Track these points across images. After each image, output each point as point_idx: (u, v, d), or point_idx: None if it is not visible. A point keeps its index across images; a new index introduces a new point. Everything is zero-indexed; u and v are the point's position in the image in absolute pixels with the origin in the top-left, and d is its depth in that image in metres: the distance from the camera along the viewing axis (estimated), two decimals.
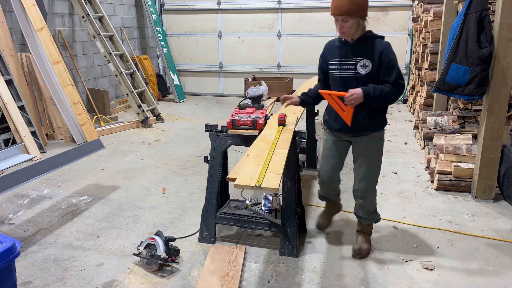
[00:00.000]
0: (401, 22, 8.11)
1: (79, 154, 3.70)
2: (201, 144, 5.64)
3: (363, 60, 2.49)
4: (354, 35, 2.48)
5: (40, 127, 5.63)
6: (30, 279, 2.62)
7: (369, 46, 2.48)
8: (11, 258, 1.83)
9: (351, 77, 2.54)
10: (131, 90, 6.72)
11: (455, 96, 3.72)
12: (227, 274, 2.61)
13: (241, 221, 3.01)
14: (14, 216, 3.46)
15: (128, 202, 3.78)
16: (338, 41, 2.60)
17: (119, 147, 5.56)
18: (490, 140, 3.59)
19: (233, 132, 3.00)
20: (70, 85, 5.64)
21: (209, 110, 8.02)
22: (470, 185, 3.86)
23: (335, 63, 2.59)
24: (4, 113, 5.00)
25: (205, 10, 9.04)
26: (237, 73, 9.17)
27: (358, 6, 2.39)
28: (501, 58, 3.41)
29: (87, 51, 7.31)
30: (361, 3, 2.41)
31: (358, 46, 2.51)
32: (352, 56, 2.52)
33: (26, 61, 5.67)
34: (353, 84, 2.52)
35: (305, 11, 8.51)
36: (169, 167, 4.74)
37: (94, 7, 6.92)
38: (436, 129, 4.78)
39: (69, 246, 3.03)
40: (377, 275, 2.66)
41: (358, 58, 2.50)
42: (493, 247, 2.98)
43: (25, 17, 5.48)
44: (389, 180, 4.28)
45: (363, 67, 2.49)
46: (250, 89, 3.56)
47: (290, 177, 2.84)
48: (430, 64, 5.65)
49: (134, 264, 2.78)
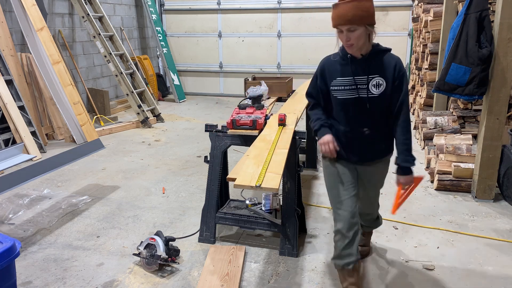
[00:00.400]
0: (401, 22, 8.10)
1: (79, 154, 3.70)
2: (201, 144, 5.64)
3: (376, 78, 2.11)
4: (362, 48, 2.09)
5: (40, 127, 5.63)
6: (30, 279, 2.62)
7: (381, 61, 2.12)
8: (11, 258, 1.83)
9: (363, 99, 2.14)
10: (131, 90, 6.72)
11: (455, 96, 3.72)
12: (227, 274, 2.61)
13: (241, 221, 3.01)
14: (14, 216, 3.46)
15: (128, 202, 3.78)
16: (340, 57, 2.18)
17: (119, 147, 5.56)
18: (490, 140, 3.59)
19: (233, 132, 3.00)
20: (70, 85, 5.64)
21: (209, 110, 8.02)
22: (470, 185, 3.86)
23: (340, 84, 2.17)
24: (4, 113, 5.00)
25: (205, 10, 9.04)
26: (237, 73, 9.17)
27: (365, 12, 2.02)
28: (501, 58, 3.41)
29: (87, 51, 7.30)
30: (368, 8, 2.03)
31: (368, 61, 2.12)
32: (363, 73, 2.12)
33: (26, 61, 5.67)
34: (365, 107, 2.15)
35: (305, 11, 8.51)
36: (169, 167, 4.74)
37: (94, 7, 6.92)
38: (436, 129, 4.78)
39: (69, 246, 3.03)
40: (377, 275, 2.66)
41: (370, 76, 2.11)
42: (493, 247, 2.98)
43: (25, 17, 5.48)
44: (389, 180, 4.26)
45: (377, 87, 2.11)
46: (250, 89, 3.56)
47: (290, 177, 2.84)
48: (430, 64, 5.65)
49: (134, 264, 2.78)
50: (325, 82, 2.23)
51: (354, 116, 2.19)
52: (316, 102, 2.34)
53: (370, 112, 2.16)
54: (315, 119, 2.33)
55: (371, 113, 2.17)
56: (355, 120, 2.20)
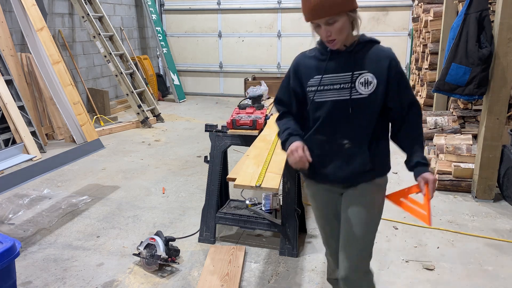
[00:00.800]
0: (401, 22, 8.10)
1: (79, 154, 3.70)
2: (201, 144, 5.64)
3: (364, 74, 1.66)
4: (347, 40, 1.67)
5: (40, 127, 5.63)
6: (30, 279, 2.62)
7: (369, 54, 1.69)
8: (11, 258, 1.83)
9: (344, 101, 1.68)
10: (131, 90, 6.72)
11: (455, 96, 3.73)
12: (227, 274, 2.61)
13: (241, 221, 3.01)
14: (14, 216, 3.46)
15: (128, 202, 3.78)
16: (319, 51, 1.76)
17: (119, 147, 5.56)
18: (490, 140, 3.59)
19: (233, 132, 3.00)
20: (70, 85, 5.64)
21: (209, 110, 8.01)
22: (470, 185, 3.86)
23: (316, 83, 1.72)
24: (4, 113, 5.00)
25: (205, 10, 9.04)
26: (237, 73, 9.17)
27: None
28: (501, 58, 3.41)
29: (87, 51, 7.30)
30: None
31: (353, 54, 1.69)
32: (346, 69, 1.68)
33: (26, 61, 5.67)
34: (347, 112, 1.69)
35: None
36: (169, 167, 4.74)
37: (94, 7, 6.92)
38: (436, 129, 4.77)
39: (69, 246, 3.03)
40: (377, 275, 2.66)
41: (357, 72, 1.67)
42: (493, 247, 2.98)
43: (25, 17, 5.48)
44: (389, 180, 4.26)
45: (365, 85, 1.66)
46: (250, 89, 3.56)
47: (290, 177, 2.84)
48: (430, 64, 5.65)
49: (134, 264, 2.78)
50: (300, 83, 1.79)
51: (332, 124, 1.73)
52: (286, 111, 1.87)
53: (353, 119, 1.70)
54: (282, 130, 1.83)
55: (355, 120, 1.70)
56: (333, 129, 1.73)
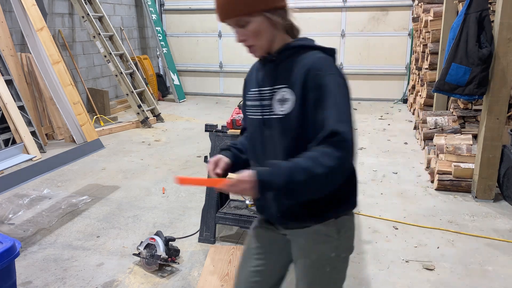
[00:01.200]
0: (401, 22, 8.09)
1: (79, 154, 3.70)
2: (201, 144, 5.64)
3: (283, 89, 1.32)
4: (271, 47, 1.35)
5: (40, 127, 5.64)
6: (30, 279, 2.62)
7: (292, 65, 1.32)
8: (11, 258, 1.83)
9: (259, 120, 1.39)
10: (131, 90, 6.73)
11: (455, 96, 3.73)
12: (227, 274, 2.60)
13: (241, 221, 3.01)
14: (14, 216, 3.46)
15: (128, 202, 3.78)
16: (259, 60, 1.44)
17: (119, 147, 5.56)
18: (490, 140, 3.59)
19: (233, 132, 3.00)
20: (70, 85, 5.64)
21: (209, 110, 8.01)
22: (470, 185, 3.86)
23: (250, 97, 1.45)
24: (4, 113, 5.00)
25: (205, 10, 9.04)
26: (237, 73, 9.17)
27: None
28: (501, 58, 3.41)
29: (87, 51, 7.30)
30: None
31: (277, 65, 1.36)
32: (268, 83, 1.37)
33: (26, 61, 5.67)
34: (260, 136, 1.39)
35: (305, 11, 8.50)
36: (169, 167, 4.74)
37: (94, 7, 6.92)
38: (436, 129, 4.77)
39: (69, 246, 3.03)
40: (377, 275, 2.66)
41: (277, 86, 1.34)
42: (493, 247, 2.98)
43: (25, 17, 5.48)
44: (389, 180, 4.28)
45: (281, 103, 1.31)
46: None
47: None
48: (430, 64, 5.65)
49: (134, 264, 2.78)
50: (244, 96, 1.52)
51: (252, 147, 1.46)
52: (244, 126, 1.60)
53: (269, 143, 1.37)
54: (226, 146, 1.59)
55: (271, 145, 1.37)
56: (254, 154, 1.45)
